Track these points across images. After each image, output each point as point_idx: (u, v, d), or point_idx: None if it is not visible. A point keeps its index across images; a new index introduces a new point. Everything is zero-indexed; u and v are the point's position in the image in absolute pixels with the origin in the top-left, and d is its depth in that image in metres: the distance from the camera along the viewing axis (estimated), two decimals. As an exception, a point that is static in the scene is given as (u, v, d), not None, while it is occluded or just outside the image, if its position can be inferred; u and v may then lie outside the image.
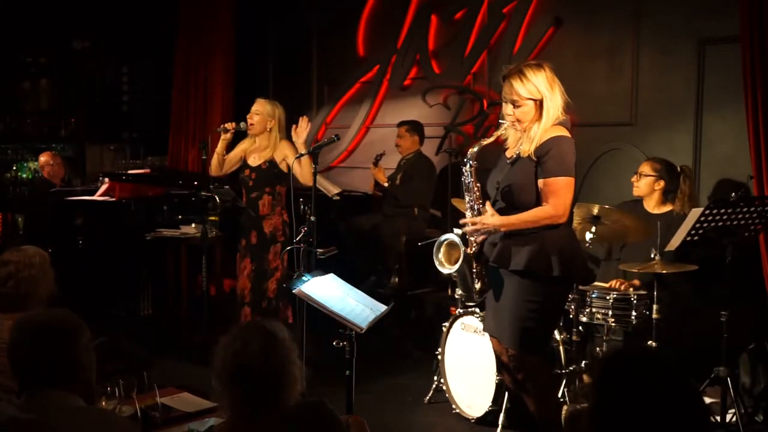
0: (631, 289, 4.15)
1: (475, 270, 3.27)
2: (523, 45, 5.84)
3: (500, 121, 3.24)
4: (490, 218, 3.14)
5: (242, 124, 4.79)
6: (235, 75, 7.53)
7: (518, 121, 3.14)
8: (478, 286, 3.28)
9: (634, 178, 4.47)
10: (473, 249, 3.26)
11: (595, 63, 5.55)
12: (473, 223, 3.17)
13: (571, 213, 3.23)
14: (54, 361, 2.13)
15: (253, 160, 4.83)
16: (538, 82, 3.09)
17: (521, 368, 3.24)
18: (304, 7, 7.44)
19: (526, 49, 5.77)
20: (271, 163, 4.76)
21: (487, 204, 3.19)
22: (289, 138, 4.71)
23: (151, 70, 8.41)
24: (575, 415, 3.37)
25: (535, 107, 3.11)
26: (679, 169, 4.43)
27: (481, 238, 3.21)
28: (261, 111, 4.78)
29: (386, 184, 6.06)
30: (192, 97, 7.59)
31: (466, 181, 3.23)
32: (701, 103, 5.03)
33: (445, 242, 3.35)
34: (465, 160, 3.22)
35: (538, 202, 3.11)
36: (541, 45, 5.75)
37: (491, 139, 3.23)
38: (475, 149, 3.20)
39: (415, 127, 6.12)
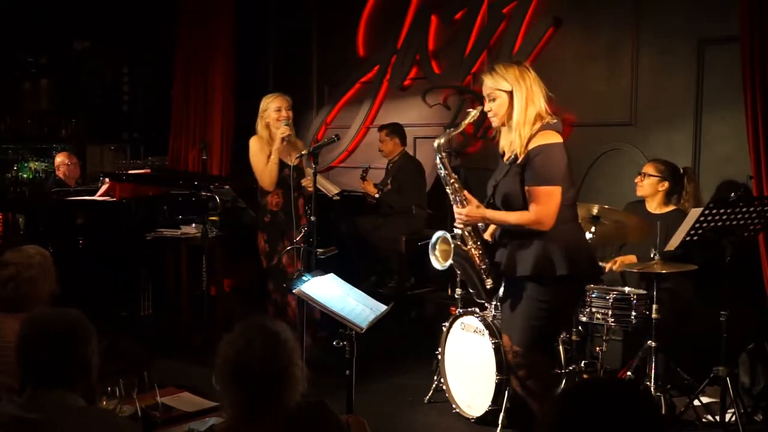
0: (622, 265, 4.22)
1: (483, 267, 3.28)
2: (523, 45, 5.84)
3: (468, 110, 3.30)
4: (476, 210, 3.22)
5: (285, 126, 4.62)
6: (235, 75, 7.53)
7: (495, 115, 3.21)
8: (488, 284, 3.29)
9: (637, 179, 4.47)
10: (471, 246, 3.26)
11: (595, 63, 5.55)
12: (459, 214, 3.24)
13: (575, 207, 3.27)
14: (66, 361, 2.13)
15: (291, 159, 4.60)
16: (507, 75, 3.17)
17: (524, 366, 3.25)
18: (304, 7, 7.44)
19: (526, 49, 5.77)
20: (300, 160, 4.68)
21: (467, 194, 3.25)
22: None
23: (151, 70, 8.42)
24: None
25: (509, 100, 3.17)
26: (682, 170, 4.45)
27: (466, 226, 3.25)
28: (290, 105, 4.69)
29: (377, 196, 6.07)
30: (192, 97, 7.60)
31: (442, 174, 3.28)
32: (701, 103, 5.04)
33: (439, 239, 3.36)
34: (435, 154, 3.28)
35: (527, 206, 3.15)
36: (541, 45, 5.75)
37: (459, 129, 3.33)
38: (442, 140, 3.26)
39: (393, 130, 6.15)
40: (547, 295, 3.15)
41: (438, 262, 3.37)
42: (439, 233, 3.36)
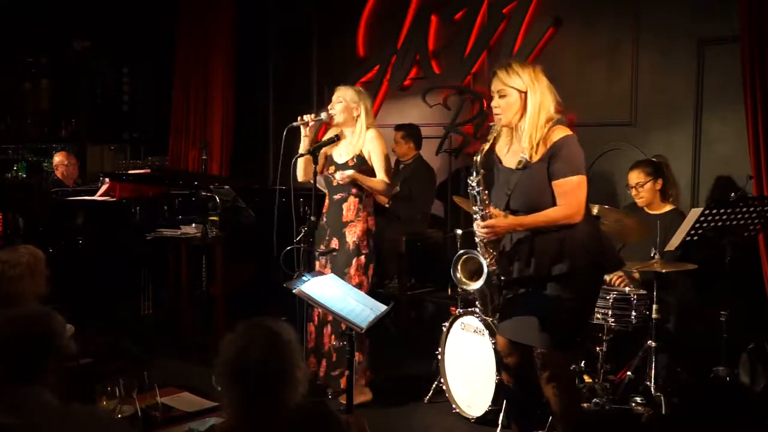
0: (630, 286, 4.16)
1: (494, 282, 3.20)
2: (523, 45, 5.84)
3: (490, 124, 3.24)
4: (504, 220, 3.12)
5: (323, 114, 4.23)
6: (235, 75, 7.54)
7: (502, 113, 3.14)
8: (496, 299, 3.23)
9: (633, 192, 4.47)
10: (491, 263, 3.18)
11: (595, 63, 5.55)
12: (485, 227, 3.10)
13: (588, 204, 3.24)
14: (31, 358, 2.12)
15: (340, 156, 4.29)
16: (523, 75, 3.11)
17: (548, 366, 3.18)
18: (304, 7, 7.45)
19: (526, 49, 5.77)
20: (359, 159, 4.23)
21: (491, 209, 3.14)
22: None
23: (152, 70, 8.43)
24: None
25: (520, 100, 3.11)
26: (657, 161, 4.49)
27: (490, 241, 3.16)
28: (343, 97, 4.25)
29: (388, 206, 5.96)
30: (192, 97, 7.61)
31: (474, 192, 3.13)
32: (701, 103, 5.04)
33: (462, 258, 3.27)
34: (472, 170, 3.13)
35: (554, 203, 3.10)
36: (541, 45, 5.75)
37: (489, 144, 3.18)
38: (478, 158, 3.13)
39: (410, 134, 6.06)
40: (574, 293, 3.10)
41: (465, 284, 3.28)
42: (460, 252, 3.29)
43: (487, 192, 3.13)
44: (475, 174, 3.12)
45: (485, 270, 3.13)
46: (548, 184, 3.09)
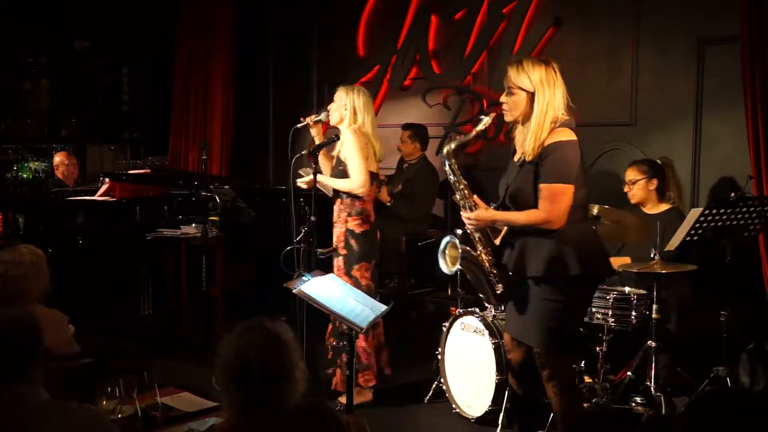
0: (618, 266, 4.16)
1: (493, 272, 3.21)
2: (523, 45, 5.84)
3: (479, 117, 3.25)
4: (484, 213, 3.17)
5: (322, 114, 4.33)
6: (235, 75, 7.54)
7: (509, 110, 3.15)
8: (499, 290, 3.22)
9: (626, 188, 4.48)
10: (481, 251, 3.21)
11: (595, 63, 5.55)
12: (468, 218, 3.17)
13: (586, 207, 3.24)
14: (26, 357, 2.12)
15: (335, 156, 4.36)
16: (533, 75, 3.08)
17: (547, 365, 3.18)
18: (304, 7, 7.45)
19: (526, 49, 5.77)
20: (337, 160, 4.28)
21: (476, 198, 3.20)
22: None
23: (152, 70, 8.42)
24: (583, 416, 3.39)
25: (527, 100, 3.10)
26: (659, 162, 4.49)
27: (476, 231, 3.20)
28: (337, 97, 4.32)
29: (389, 204, 5.95)
30: (192, 96, 7.61)
31: (451, 180, 3.22)
32: (701, 103, 5.04)
33: (448, 244, 3.31)
34: (443, 160, 3.20)
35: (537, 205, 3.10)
36: (541, 45, 5.76)
37: (470, 137, 3.23)
38: (453, 146, 3.18)
39: (417, 134, 6.04)
40: (561, 295, 3.10)
41: (446, 266, 3.32)
42: (447, 238, 3.32)
43: (464, 182, 3.18)
44: (447, 165, 3.18)
45: (459, 252, 3.16)
46: (532, 185, 3.09)
